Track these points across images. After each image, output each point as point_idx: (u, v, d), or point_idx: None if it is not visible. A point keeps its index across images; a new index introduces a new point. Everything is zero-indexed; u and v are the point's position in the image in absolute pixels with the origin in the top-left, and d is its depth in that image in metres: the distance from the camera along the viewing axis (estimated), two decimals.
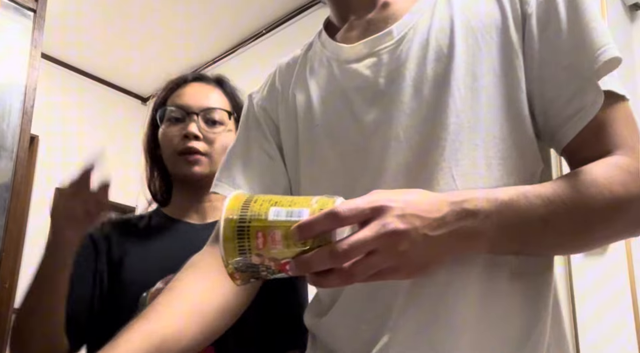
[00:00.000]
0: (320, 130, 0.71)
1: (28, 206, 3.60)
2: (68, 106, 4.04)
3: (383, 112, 0.65)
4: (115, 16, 3.53)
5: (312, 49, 0.79)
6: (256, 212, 0.49)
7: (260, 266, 0.49)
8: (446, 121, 0.61)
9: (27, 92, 1.86)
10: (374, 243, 0.48)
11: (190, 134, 0.95)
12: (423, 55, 0.65)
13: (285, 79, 0.79)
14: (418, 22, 0.67)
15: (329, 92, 0.71)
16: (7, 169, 1.75)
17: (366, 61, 0.68)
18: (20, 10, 1.89)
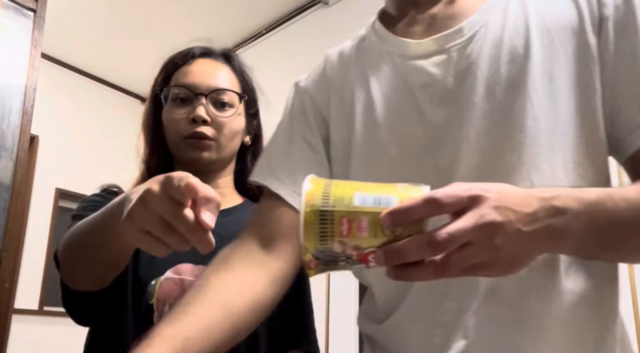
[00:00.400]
0: (383, 128, 0.67)
1: (28, 206, 3.60)
2: (68, 106, 4.05)
3: (453, 113, 0.63)
4: (115, 16, 3.53)
5: (367, 40, 0.74)
6: (340, 197, 0.45)
7: (340, 255, 0.46)
8: (524, 123, 0.59)
9: (27, 92, 1.86)
10: (471, 234, 0.45)
11: (198, 119, 0.88)
12: (496, 54, 0.62)
13: (338, 71, 0.75)
14: (489, 20, 0.64)
15: (393, 89, 0.68)
16: (7, 169, 1.75)
17: (434, 58, 0.65)
18: (20, 10, 1.89)
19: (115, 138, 4.27)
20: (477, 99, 0.62)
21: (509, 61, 0.61)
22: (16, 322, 3.11)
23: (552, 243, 0.51)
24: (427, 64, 0.65)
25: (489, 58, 0.62)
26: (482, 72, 0.62)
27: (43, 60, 2.13)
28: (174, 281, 0.85)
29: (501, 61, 0.62)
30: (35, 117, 1.91)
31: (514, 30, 0.62)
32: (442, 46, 0.65)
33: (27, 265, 3.54)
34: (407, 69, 0.67)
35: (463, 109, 0.62)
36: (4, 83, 1.81)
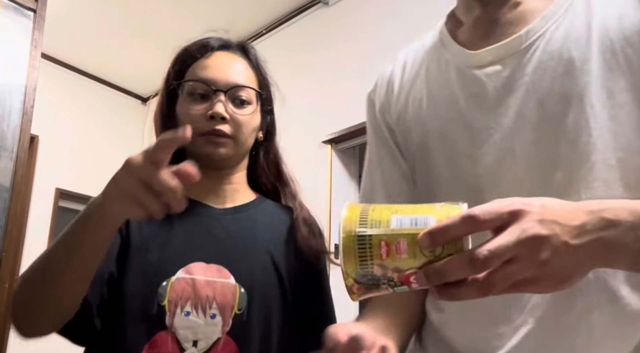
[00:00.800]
0: (431, 136, 0.68)
1: (28, 206, 3.59)
2: (68, 106, 4.05)
3: (498, 123, 0.62)
4: (115, 16, 3.53)
5: (432, 43, 0.75)
6: (377, 220, 0.46)
7: (381, 279, 0.46)
8: (576, 140, 0.57)
9: (27, 92, 1.86)
10: (514, 250, 0.43)
11: (217, 116, 0.86)
12: (552, 67, 0.60)
13: (402, 76, 0.76)
14: (549, 29, 0.62)
15: (443, 96, 0.68)
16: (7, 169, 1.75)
17: (488, 69, 0.65)
18: (20, 10, 1.89)
19: (115, 138, 4.27)
20: (526, 112, 0.61)
21: (564, 74, 0.59)
22: None
23: (604, 258, 0.48)
24: (481, 74, 0.65)
25: (544, 70, 0.61)
26: (535, 85, 0.61)
27: (43, 60, 2.13)
28: (186, 282, 0.83)
29: (556, 73, 0.60)
30: (35, 117, 1.91)
31: (574, 41, 0.60)
32: (497, 57, 0.64)
33: (27, 265, 3.53)
34: (459, 77, 0.67)
35: (508, 120, 0.61)
36: (4, 83, 1.81)
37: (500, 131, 0.62)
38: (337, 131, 2.91)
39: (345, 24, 3.13)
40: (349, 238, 0.46)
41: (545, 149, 0.59)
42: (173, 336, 0.80)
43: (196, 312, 0.82)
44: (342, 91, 3.00)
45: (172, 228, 0.87)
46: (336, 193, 2.90)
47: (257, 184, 0.99)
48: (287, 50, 3.40)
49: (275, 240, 0.92)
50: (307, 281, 0.93)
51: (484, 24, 0.68)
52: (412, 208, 0.47)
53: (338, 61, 3.08)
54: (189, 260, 0.84)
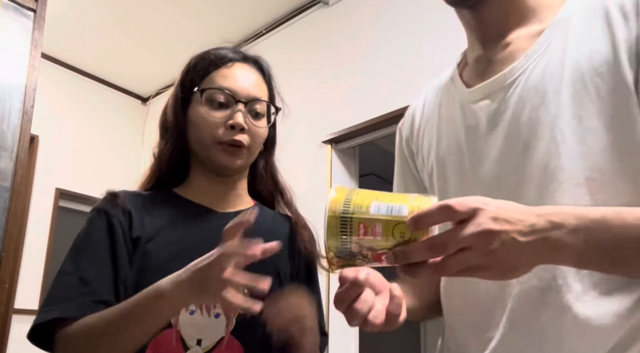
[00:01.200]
0: (442, 162, 0.80)
1: (28, 206, 3.59)
2: (68, 106, 4.05)
3: (490, 151, 0.72)
4: (115, 16, 3.53)
5: (446, 83, 0.86)
6: (358, 205, 0.53)
7: (357, 255, 0.54)
8: (547, 164, 0.66)
9: (27, 92, 1.86)
10: (468, 240, 0.52)
11: (238, 126, 0.89)
12: (529, 99, 0.69)
13: (422, 110, 0.89)
14: (530, 66, 0.71)
15: (449, 127, 0.80)
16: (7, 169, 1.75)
17: (481, 103, 0.75)
18: (20, 10, 1.90)
19: (115, 138, 4.28)
20: (510, 140, 0.70)
21: (539, 105, 0.68)
22: (16, 322, 3.10)
23: (550, 255, 0.55)
24: (476, 108, 0.76)
25: (523, 103, 0.70)
26: (515, 116, 0.70)
27: (43, 60, 2.13)
28: None
29: (533, 105, 0.69)
30: (35, 117, 1.91)
31: (549, 76, 0.69)
32: (487, 93, 0.75)
33: (27, 265, 3.54)
34: (460, 112, 0.79)
35: (490, 148, 0.72)
36: (4, 83, 1.81)
37: (492, 158, 0.72)
38: (337, 131, 2.91)
39: (345, 24, 3.13)
40: (333, 217, 0.53)
41: (520, 173, 0.69)
42: (177, 334, 0.81)
43: (200, 311, 0.83)
44: (342, 91, 3.01)
45: (176, 228, 0.89)
46: None
47: (254, 191, 1.03)
48: (287, 50, 3.40)
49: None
50: (301, 281, 0.97)
51: (482, 63, 0.79)
52: (390, 196, 0.55)
53: (338, 61, 3.08)
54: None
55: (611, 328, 0.62)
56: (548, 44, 0.71)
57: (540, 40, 0.72)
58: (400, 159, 0.93)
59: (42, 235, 3.67)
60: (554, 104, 0.67)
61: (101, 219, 0.87)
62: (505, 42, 0.76)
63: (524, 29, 0.75)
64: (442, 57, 2.58)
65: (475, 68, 0.80)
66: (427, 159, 0.83)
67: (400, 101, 2.65)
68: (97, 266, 0.83)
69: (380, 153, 3.47)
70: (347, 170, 3.03)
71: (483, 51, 0.79)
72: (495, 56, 0.77)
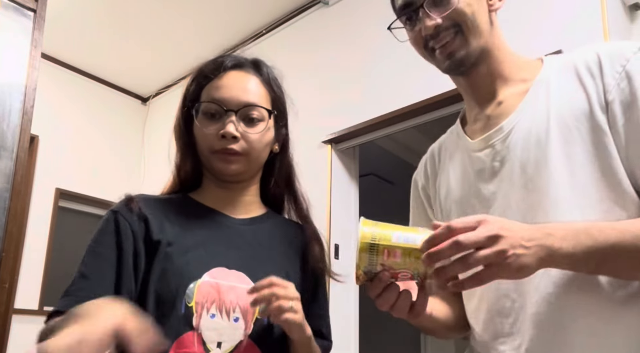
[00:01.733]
0: (454, 204, 0.94)
1: (28, 206, 3.60)
2: (68, 106, 4.05)
3: (498, 188, 0.86)
4: (115, 16, 3.53)
5: (450, 137, 1.02)
6: (383, 235, 0.68)
7: (379, 272, 0.70)
8: (548, 192, 0.79)
9: (27, 92, 1.86)
10: (482, 241, 0.64)
11: (227, 135, 0.91)
12: (526, 142, 0.84)
13: (434, 163, 1.04)
14: (522, 117, 0.86)
15: (460, 174, 0.94)
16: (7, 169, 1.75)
17: (485, 151, 0.90)
18: (20, 10, 1.90)
19: (115, 138, 4.28)
20: (515, 177, 0.84)
21: (535, 146, 0.82)
22: (16, 322, 3.11)
23: (549, 258, 0.68)
24: (481, 155, 0.90)
25: (522, 145, 0.84)
26: (518, 157, 0.84)
27: (43, 60, 2.13)
28: (211, 285, 0.86)
29: (530, 146, 0.83)
30: (35, 117, 1.91)
31: (539, 122, 0.84)
32: (488, 142, 0.89)
33: (27, 265, 3.54)
34: (469, 159, 0.93)
35: (505, 185, 0.85)
36: (4, 83, 1.81)
37: (501, 194, 0.86)
38: (337, 131, 2.91)
39: (345, 24, 3.13)
40: (364, 244, 0.68)
41: (530, 201, 0.82)
42: (199, 337, 0.84)
43: (220, 315, 0.86)
44: (342, 91, 3.01)
45: (193, 233, 0.92)
46: (336, 193, 2.90)
47: (267, 196, 1.05)
48: (287, 50, 3.40)
49: (286, 252, 0.99)
50: (309, 289, 0.99)
51: (481, 120, 0.94)
52: (406, 228, 0.70)
53: (338, 61, 3.08)
54: (212, 265, 0.88)
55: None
56: (534, 99, 0.86)
57: (527, 97, 0.88)
58: (416, 204, 1.06)
59: (42, 235, 3.67)
60: (546, 144, 0.81)
61: (112, 222, 0.89)
62: (498, 101, 0.91)
63: (511, 88, 0.91)
64: None
65: (476, 124, 0.95)
66: (445, 203, 0.97)
67: (400, 101, 2.65)
68: (98, 264, 0.85)
69: (380, 153, 3.47)
70: (347, 170, 3.03)
71: (480, 110, 0.94)
72: (492, 113, 0.91)
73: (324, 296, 1.04)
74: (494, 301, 0.85)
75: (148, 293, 0.85)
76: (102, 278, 0.84)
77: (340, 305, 2.69)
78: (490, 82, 0.92)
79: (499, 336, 0.84)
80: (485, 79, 0.92)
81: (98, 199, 3.89)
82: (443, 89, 2.42)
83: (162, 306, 0.84)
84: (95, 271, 0.84)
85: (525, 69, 0.91)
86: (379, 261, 0.68)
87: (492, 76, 0.92)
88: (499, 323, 0.84)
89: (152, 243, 0.88)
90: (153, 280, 0.86)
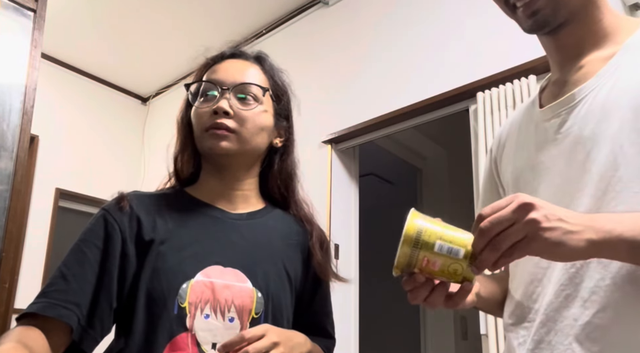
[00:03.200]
0: (511, 177, 0.88)
1: (28, 206, 3.59)
2: (68, 106, 4.05)
3: (553, 164, 0.78)
4: (115, 16, 3.53)
5: (527, 107, 0.93)
6: (426, 242, 0.65)
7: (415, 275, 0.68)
8: (603, 173, 0.70)
9: (27, 92, 1.86)
10: (512, 216, 0.60)
11: (219, 110, 0.89)
12: (595, 115, 0.74)
13: (505, 133, 0.97)
14: (600, 84, 0.76)
15: (523, 145, 0.87)
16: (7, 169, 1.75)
17: (552, 121, 0.81)
18: (20, 10, 1.89)
19: (115, 138, 4.28)
20: (574, 154, 0.75)
21: (603, 120, 0.73)
22: None
23: (604, 242, 0.61)
24: (547, 125, 0.82)
25: (588, 119, 0.75)
26: (580, 131, 0.75)
27: (43, 60, 2.14)
28: (205, 284, 0.84)
29: (597, 120, 0.74)
30: (35, 117, 1.91)
31: (615, 94, 0.73)
32: (555, 112, 0.81)
33: (27, 265, 3.54)
34: (535, 129, 0.85)
35: (562, 160, 0.77)
36: (4, 83, 1.81)
37: (555, 171, 0.78)
38: (337, 131, 2.91)
39: (346, 24, 3.13)
40: (406, 248, 0.66)
41: (579, 182, 0.73)
42: (193, 338, 0.82)
43: (215, 315, 0.84)
44: (342, 90, 3.01)
45: (187, 230, 0.89)
46: (336, 193, 2.90)
47: (266, 192, 1.02)
48: (287, 50, 3.40)
49: (286, 249, 0.96)
50: (310, 287, 0.98)
51: (558, 85, 0.84)
52: (451, 237, 0.66)
53: (338, 61, 3.08)
54: (207, 263, 0.86)
55: None
56: (618, 65, 0.75)
57: (612, 61, 0.76)
58: (489, 176, 1.00)
59: (42, 235, 3.67)
60: (617, 119, 0.71)
61: (102, 222, 0.87)
62: (580, 65, 0.81)
63: (599, 52, 0.79)
64: (442, 57, 2.58)
65: (552, 90, 0.86)
66: (505, 175, 0.91)
67: (400, 101, 2.65)
68: (79, 266, 0.83)
69: (380, 153, 3.47)
70: (347, 170, 3.03)
71: (560, 74, 0.85)
72: (570, 78, 0.81)
73: (328, 294, 1.02)
74: (526, 284, 0.80)
75: (139, 293, 0.83)
76: (82, 281, 0.81)
77: (340, 305, 2.69)
78: (577, 42, 0.81)
79: (522, 321, 0.80)
80: (572, 38, 0.81)
81: (98, 199, 3.88)
82: (443, 89, 2.43)
83: (153, 306, 0.82)
84: (77, 272, 0.82)
85: (624, 31, 0.79)
86: (417, 266, 0.66)
87: (583, 37, 0.81)
88: (526, 308, 0.79)
89: (143, 243, 0.86)
90: (144, 280, 0.84)
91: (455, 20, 2.50)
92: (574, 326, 0.70)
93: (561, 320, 0.72)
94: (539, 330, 0.75)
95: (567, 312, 0.72)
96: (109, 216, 0.87)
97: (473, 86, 2.32)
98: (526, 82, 2.13)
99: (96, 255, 0.84)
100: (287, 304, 0.92)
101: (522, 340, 0.79)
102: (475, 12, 2.44)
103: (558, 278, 0.74)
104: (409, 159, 3.63)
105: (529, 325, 0.78)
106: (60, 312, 0.78)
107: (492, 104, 2.23)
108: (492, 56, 2.31)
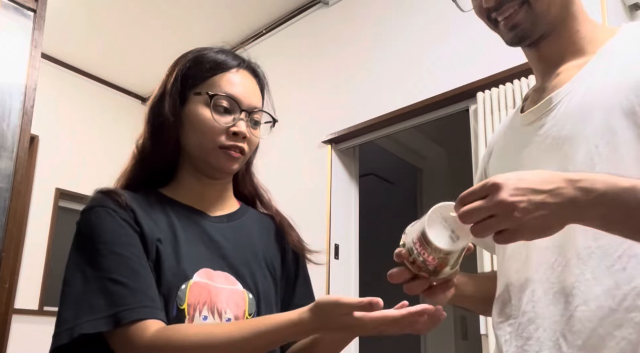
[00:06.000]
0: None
1: (28, 206, 3.59)
2: (68, 106, 4.05)
3: (536, 165, 0.80)
4: (115, 16, 3.53)
5: (514, 113, 0.97)
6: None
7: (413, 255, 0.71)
8: (581, 171, 0.71)
9: (27, 92, 1.86)
10: (490, 210, 0.62)
11: (241, 134, 0.91)
12: (571, 117, 0.78)
13: (493, 141, 1.01)
14: (574, 88, 0.80)
15: (507, 148, 0.91)
16: (7, 169, 1.75)
17: (533, 125, 0.84)
18: (20, 10, 1.90)
19: (115, 138, 4.27)
20: (551, 155, 0.79)
21: (579, 120, 0.76)
22: (16, 322, 3.11)
23: (577, 215, 0.63)
24: (529, 128, 0.85)
25: (565, 121, 0.78)
26: (558, 133, 0.79)
27: (43, 60, 2.13)
28: (202, 286, 0.84)
29: (573, 121, 0.77)
30: (35, 117, 1.91)
31: (590, 96, 0.77)
32: (535, 116, 0.84)
33: (27, 265, 3.54)
34: (518, 135, 0.89)
35: (541, 160, 0.80)
36: (4, 83, 1.81)
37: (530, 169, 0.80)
38: (337, 131, 2.91)
39: (346, 24, 3.13)
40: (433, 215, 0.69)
41: None
42: None
43: (212, 317, 0.84)
44: (342, 90, 3.01)
45: (175, 233, 0.88)
46: (336, 193, 2.90)
47: (238, 193, 1.04)
48: (287, 50, 3.40)
49: (265, 245, 0.98)
50: (291, 276, 1.00)
51: (539, 92, 0.88)
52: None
53: (338, 61, 3.08)
54: (200, 265, 0.86)
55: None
56: (591, 70, 0.79)
57: (586, 67, 0.80)
58: (479, 179, 1.03)
59: (42, 235, 3.67)
60: (591, 119, 0.74)
61: (115, 217, 0.84)
62: (558, 72, 0.85)
63: (577, 60, 0.83)
64: (442, 57, 2.58)
65: (533, 96, 0.90)
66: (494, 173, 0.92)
67: (400, 101, 2.65)
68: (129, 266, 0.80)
69: (380, 153, 3.47)
70: (347, 170, 3.03)
71: (542, 82, 0.89)
72: (549, 84, 0.86)
73: (308, 275, 1.04)
74: (512, 282, 0.82)
75: None
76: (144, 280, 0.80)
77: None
78: (559, 54, 0.85)
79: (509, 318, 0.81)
80: (554, 51, 0.86)
81: None
82: (443, 89, 2.43)
83: None
84: (131, 274, 0.79)
85: (599, 39, 0.83)
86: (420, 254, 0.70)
87: (563, 48, 0.85)
88: (513, 305, 0.81)
89: (145, 239, 0.84)
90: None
91: (455, 20, 2.50)
92: (559, 321, 0.73)
93: (549, 316, 0.75)
94: (527, 326, 0.77)
95: (554, 308, 0.74)
96: (110, 211, 0.85)
97: (473, 86, 2.33)
98: (526, 82, 2.13)
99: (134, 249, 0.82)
100: (276, 302, 0.94)
101: (509, 336, 0.81)
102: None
103: (545, 275, 0.77)
104: (409, 159, 3.63)
105: (515, 322, 0.80)
106: (156, 314, 0.79)
107: (492, 104, 2.23)
108: (492, 56, 2.31)
